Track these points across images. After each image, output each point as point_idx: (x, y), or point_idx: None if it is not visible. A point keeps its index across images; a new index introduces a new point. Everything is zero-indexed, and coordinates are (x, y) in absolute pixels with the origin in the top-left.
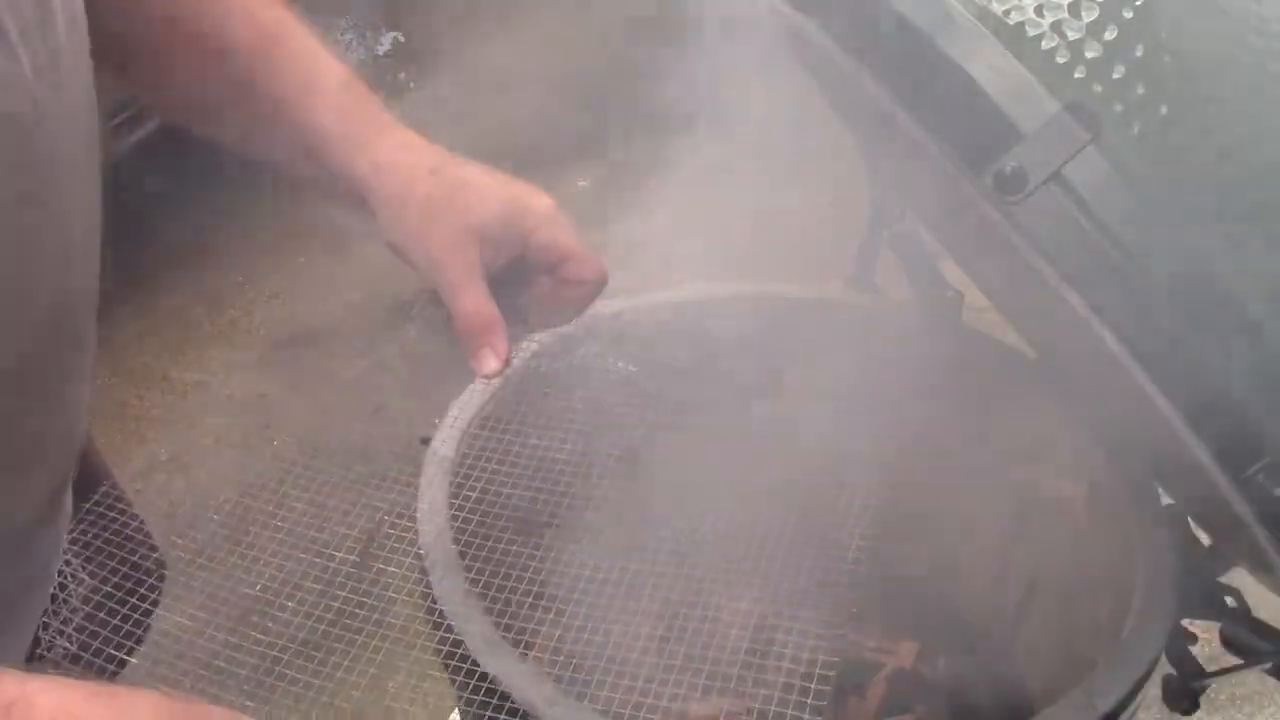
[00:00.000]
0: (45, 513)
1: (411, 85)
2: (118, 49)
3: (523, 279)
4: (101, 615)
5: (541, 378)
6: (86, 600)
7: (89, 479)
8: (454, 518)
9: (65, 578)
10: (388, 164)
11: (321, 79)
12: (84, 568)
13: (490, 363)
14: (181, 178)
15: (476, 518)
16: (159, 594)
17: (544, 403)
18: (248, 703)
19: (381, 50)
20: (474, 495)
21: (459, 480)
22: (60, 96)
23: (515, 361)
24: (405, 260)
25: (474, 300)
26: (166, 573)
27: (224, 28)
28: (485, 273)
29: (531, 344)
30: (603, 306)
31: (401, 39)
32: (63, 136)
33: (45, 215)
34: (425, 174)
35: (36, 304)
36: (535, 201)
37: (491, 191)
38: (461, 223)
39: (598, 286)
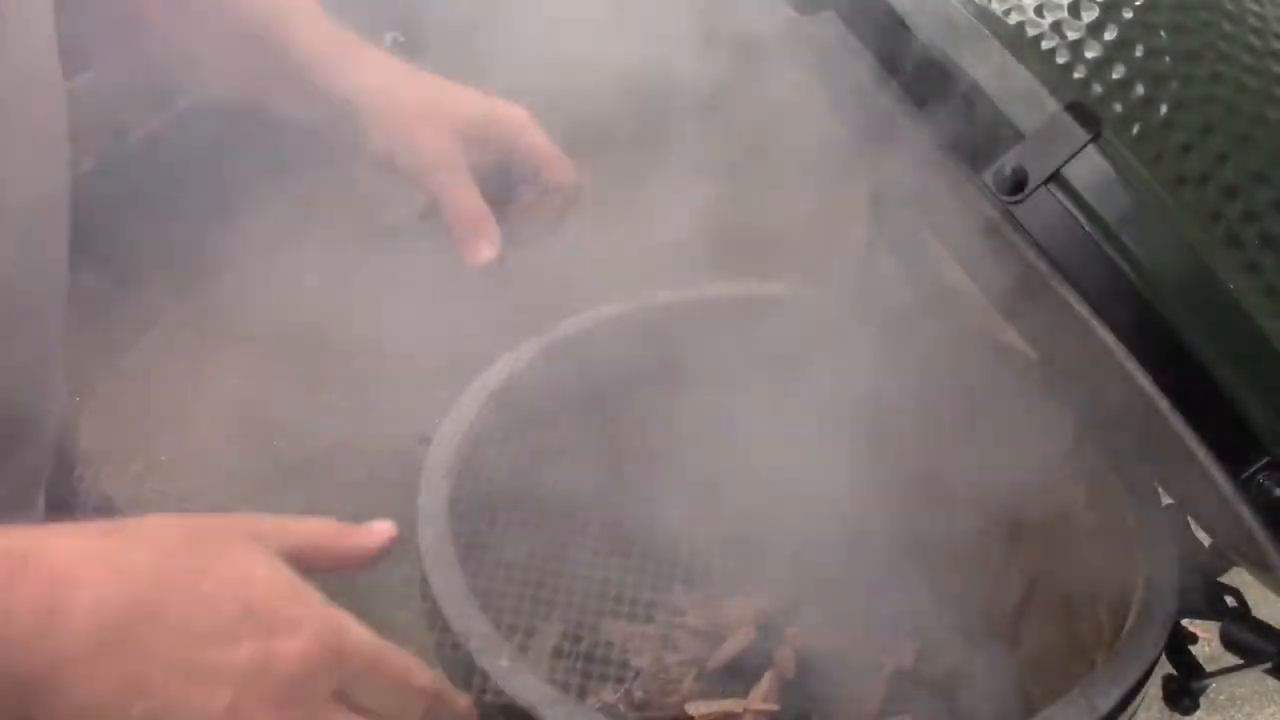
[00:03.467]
0: (22, 500)
1: None
2: None
3: (504, 191)
4: None
5: (542, 377)
6: None
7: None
8: (454, 518)
9: None
10: (372, 83)
11: (296, 7)
12: None
13: (484, 250)
14: (179, 178)
15: (476, 517)
16: None
17: (545, 402)
18: None
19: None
20: (474, 495)
21: (459, 480)
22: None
23: (515, 359)
24: (395, 171)
25: (465, 194)
26: None
27: None
28: (473, 173)
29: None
30: (604, 306)
31: (401, 39)
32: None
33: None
34: (408, 83)
35: None
36: (512, 110)
37: (472, 96)
38: (447, 124)
39: (574, 192)
